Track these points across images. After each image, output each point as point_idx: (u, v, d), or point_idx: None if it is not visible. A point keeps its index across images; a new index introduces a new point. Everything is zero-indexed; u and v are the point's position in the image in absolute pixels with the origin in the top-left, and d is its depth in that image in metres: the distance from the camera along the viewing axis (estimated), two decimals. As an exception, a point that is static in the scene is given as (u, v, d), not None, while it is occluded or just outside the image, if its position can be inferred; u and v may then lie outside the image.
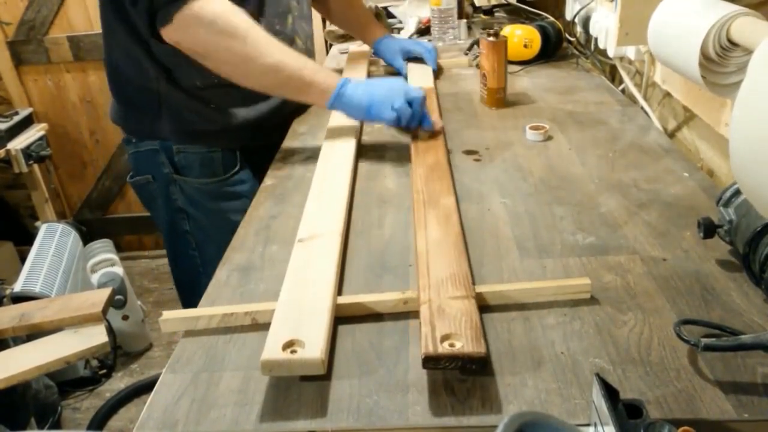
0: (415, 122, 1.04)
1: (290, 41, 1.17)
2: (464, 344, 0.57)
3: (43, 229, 2.27)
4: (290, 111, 1.25)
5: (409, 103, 1.02)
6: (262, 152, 1.13)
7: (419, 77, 1.36)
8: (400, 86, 1.04)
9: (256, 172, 1.11)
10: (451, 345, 0.57)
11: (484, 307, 0.66)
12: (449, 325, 0.59)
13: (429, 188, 0.88)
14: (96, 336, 1.38)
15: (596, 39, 1.30)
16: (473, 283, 0.68)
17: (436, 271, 0.68)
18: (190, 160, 1.15)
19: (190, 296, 1.27)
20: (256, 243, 0.83)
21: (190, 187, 1.17)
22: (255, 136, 1.18)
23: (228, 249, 0.82)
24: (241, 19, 0.98)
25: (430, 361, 0.56)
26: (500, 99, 1.23)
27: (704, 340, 0.54)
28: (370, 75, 1.48)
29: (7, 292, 1.94)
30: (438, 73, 1.45)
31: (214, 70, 1.02)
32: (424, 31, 1.80)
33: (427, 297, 0.64)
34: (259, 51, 0.99)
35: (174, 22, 0.95)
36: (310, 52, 1.27)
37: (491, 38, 1.19)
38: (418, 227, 0.78)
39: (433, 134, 1.06)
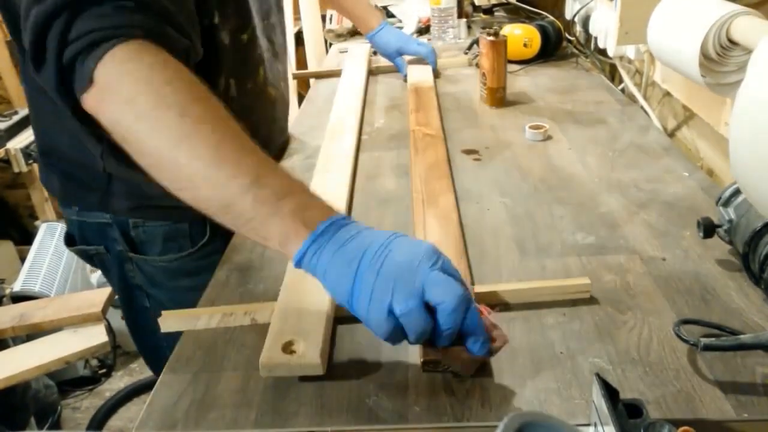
0: (443, 339, 0.54)
1: (260, 95, 0.97)
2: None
3: (42, 228, 2.27)
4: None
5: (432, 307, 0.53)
6: None
7: (418, 77, 1.36)
8: (419, 268, 0.54)
9: (229, 241, 0.89)
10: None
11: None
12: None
13: (428, 188, 0.88)
14: (96, 336, 1.38)
15: (596, 38, 1.30)
16: (473, 283, 0.68)
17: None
18: (151, 235, 0.95)
19: (155, 363, 1.08)
20: (255, 243, 0.83)
21: (150, 265, 0.97)
22: None
23: (228, 249, 0.82)
24: (187, 81, 0.62)
25: (429, 365, 0.56)
26: (500, 98, 1.23)
27: (704, 340, 0.54)
28: (372, 73, 1.48)
29: (7, 291, 1.94)
30: (437, 72, 1.45)
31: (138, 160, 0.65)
32: (423, 30, 1.80)
33: None
34: (184, 132, 0.59)
35: (97, 80, 0.60)
36: (283, 97, 1.07)
37: (491, 37, 1.19)
38: (417, 227, 0.78)
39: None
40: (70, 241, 1.01)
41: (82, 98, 0.62)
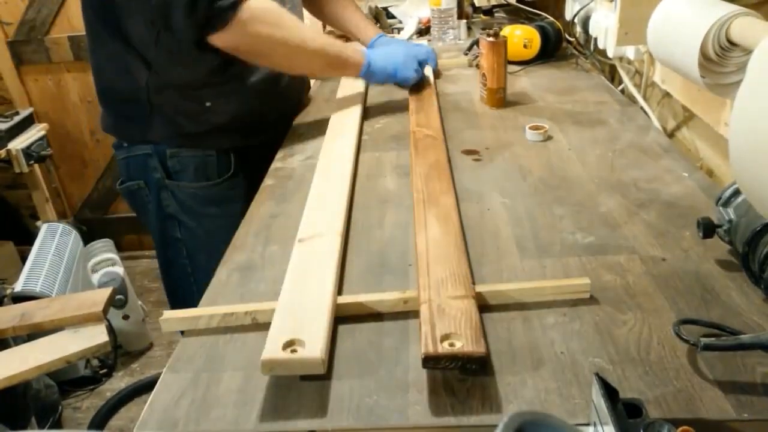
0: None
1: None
2: (464, 344, 0.57)
3: (43, 228, 2.28)
4: (285, 109, 1.27)
5: (420, 64, 1.25)
6: (257, 156, 1.13)
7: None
8: (413, 50, 1.27)
9: (251, 176, 1.08)
10: (451, 345, 0.57)
11: (483, 306, 0.66)
12: (449, 325, 0.59)
13: (429, 187, 0.88)
14: (96, 335, 1.38)
15: (596, 39, 1.30)
16: (473, 283, 0.68)
17: (436, 270, 0.69)
18: (184, 164, 1.15)
19: (180, 305, 1.23)
20: (256, 243, 0.83)
21: (183, 192, 1.16)
22: (249, 135, 1.18)
23: (228, 249, 0.83)
24: (283, 11, 1.06)
25: (430, 361, 0.56)
26: (500, 99, 1.23)
27: (704, 340, 0.55)
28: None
29: (8, 291, 1.94)
30: (437, 73, 1.45)
31: (265, 64, 1.11)
32: (424, 31, 1.80)
33: (426, 296, 0.64)
34: (304, 38, 1.09)
35: (231, 25, 0.99)
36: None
37: (491, 38, 1.19)
38: (417, 227, 0.79)
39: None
40: (121, 182, 1.21)
41: (216, 35, 1.00)
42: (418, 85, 1.31)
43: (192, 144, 1.14)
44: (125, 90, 1.11)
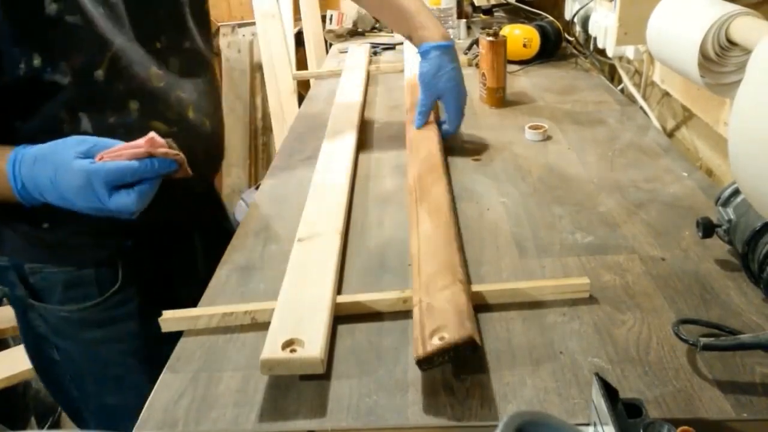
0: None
1: (133, 132, 0.72)
2: (450, 333, 0.56)
3: None
4: (167, 199, 0.75)
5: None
6: (154, 258, 0.86)
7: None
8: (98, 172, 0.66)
9: (147, 286, 0.81)
10: (441, 338, 0.56)
11: (483, 306, 0.66)
12: (437, 319, 0.58)
13: (421, 183, 0.87)
14: (96, 335, 1.38)
15: (595, 39, 1.30)
16: (465, 267, 0.67)
17: (427, 268, 0.68)
18: (51, 282, 0.84)
19: (80, 423, 0.95)
20: (255, 243, 0.83)
21: (53, 315, 0.86)
22: (136, 237, 0.85)
23: (228, 249, 0.82)
24: None
25: (424, 363, 0.56)
26: (500, 98, 1.23)
27: (703, 340, 0.55)
28: (372, 73, 1.48)
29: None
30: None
31: None
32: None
33: (417, 298, 0.64)
34: None
35: None
36: (186, 132, 0.83)
37: (490, 38, 1.19)
38: (411, 228, 0.78)
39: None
40: None
41: None
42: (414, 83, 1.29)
43: (54, 260, 0.83)
44: None
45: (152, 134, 0.67)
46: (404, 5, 1.03)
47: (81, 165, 0.65)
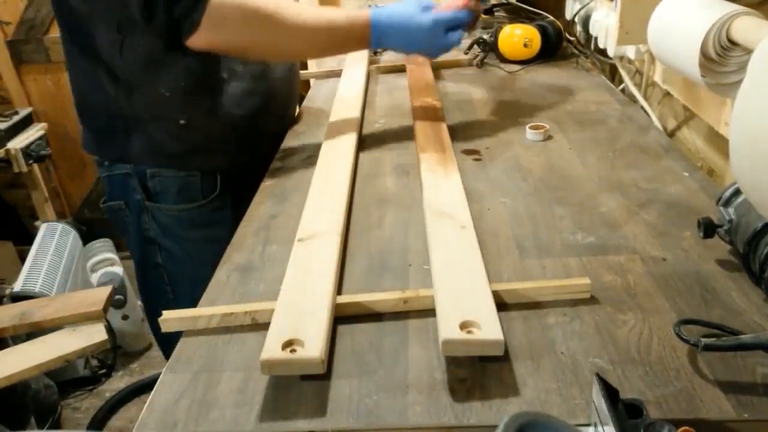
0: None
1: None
2: (483, 332, 0.56)
3: (42, 228, 2.27)
4: (272, 127, 1.18)
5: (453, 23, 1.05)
6: (245, 174, 1.06)
7: (418, 75, 1.35)
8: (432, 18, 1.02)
9: (240, 196, 0.99)
10: (469, 332, 0.57)
11: (483, 306, 0.66)
12: (467, 311, 0.59)
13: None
14: (95, 334, 1.38)
15: (596, 38, 1.30)
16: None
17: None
18: (166, 185, 1.07)
19: (167, 341, 1.07)
20: (256, 243, 0.83)
21: (164, 214, 1.08)
22: (235, 155, 1.10)
23: (228, 249, 0.82)
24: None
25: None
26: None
27: (704, 340, 0.54)
28: (372, 73, 1.48)
29: (7, 291, 1.94)
30: (436, 73, 1.44)
31: (258, 58, 1.03)
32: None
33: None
34: (293, 18, 0.95)
35: (203, 25, 0.90)
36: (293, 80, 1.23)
37: None
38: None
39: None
40: (104, 201, 1.14)
41: (191, 38, 0.91)
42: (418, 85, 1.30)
43: (172, 164, 1.06)
44: (100, 107, 1.04)
45: None
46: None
47: (428, 16, 1.01)
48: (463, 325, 0.59)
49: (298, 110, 1.30)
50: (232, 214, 1.00)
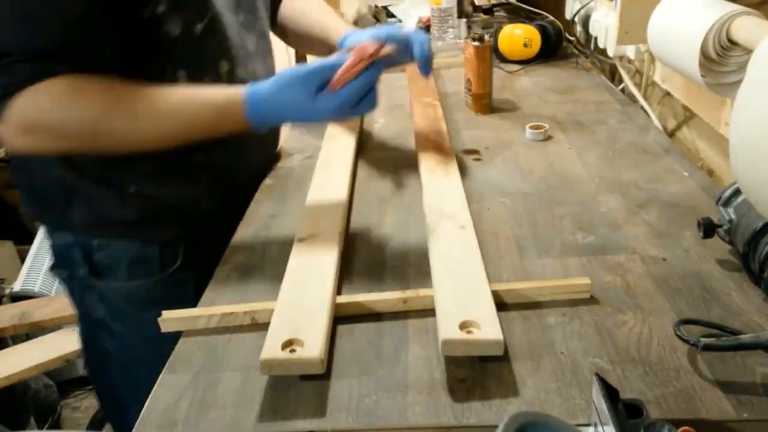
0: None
1: None
2: (482, 331, 0.56)
3: (42, 228, 2.27)
4: (246, 181, 0.98)
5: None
6: (209, 246, 0.85)
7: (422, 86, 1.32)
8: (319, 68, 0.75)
9: (204, 268, 0.81)
10: (468, 332, 0.57)
11: (483, 306, 0.66)
12: (468, 311, 0.59)
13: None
14: (95, 335, 1.38)
15: (596, 38, 1.30)
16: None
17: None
18: (116, 258, 0.89)
19: (122, 418, 0.97)
20: (255, 243, 0.83)
21: (114, 292, 0.91)
22: (195, 222, 0.92)
23: (228, 249, 0.82)
24: (91, 92, 0.73)
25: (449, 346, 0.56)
26: (486, 105, 1.20)
27: (704, 340, 0.54)
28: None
29: (7, 291, 1.94)
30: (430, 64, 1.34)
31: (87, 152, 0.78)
32: (424, 30, 1.80)
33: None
34: (138, 109, 0.74)
35: (7, 124, 0.71)
36: None
37: (476, 43, 1.16)
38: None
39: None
40: (51, 266, 0.97)
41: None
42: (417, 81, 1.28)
43: (124, 234, 0.89)
44: (35, 167, 0.87)
45: (358, 48, 0.76)
46: (323, 19, 1.05)
47: (325, 106, 0.75)
48: (463, 325, 0.59)
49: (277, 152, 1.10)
50: (196, 291, 0.78)
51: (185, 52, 0.82)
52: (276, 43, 1.07)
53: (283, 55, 2.40)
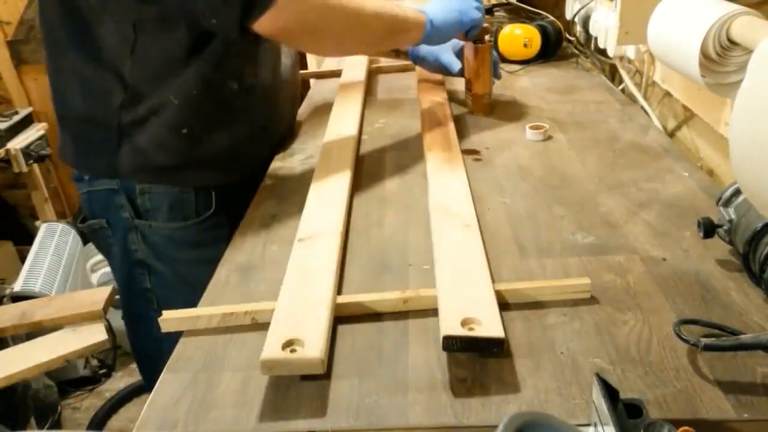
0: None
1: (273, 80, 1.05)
2: (484, 327, 0.56)
3: (42, 228, 2.28)
4: (275, 142, 1.12)
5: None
6: (242, 194, 0.97)
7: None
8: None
9: (235, 216, 0.91)
10: (470, 329, 0.57)
11: (483, 306, 0.66)
12: (467, 309, 0.59)
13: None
14: (95, 334, 1.38)
15: (596, 38, 1.29)
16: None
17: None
18: (157, 202, 0.97)
19: (150, 370, 1.04)
20: (256, 243, 0.83)
21: (156, 233, 0.99)
22: (231, 169, 1.02)
23: (228, 249, 0.82)
24: None
25: (451, 341, 0.57)
26: (486, 105, 1.19)
27: (704, 340, 0.54)
28: (372, 73, 1.48)
29: (7, 291, 1.95)
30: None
31: (314, 47, 1.05)
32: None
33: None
34: (359, 1, 0.92)
35: (278, 3, 0.83)
36: (294, 84, 1.17)
37: (477, 43, 1.14)
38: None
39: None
40: (82, 219, 1.04)
41: (264, 18, 0.84)
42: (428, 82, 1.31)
43: (165, 180, 0.97)
44: (92, 114, 0.94)
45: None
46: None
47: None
48: (465, 322, 0.59)
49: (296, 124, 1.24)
50: (229, 234, 0.90)
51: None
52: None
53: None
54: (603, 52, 1.35)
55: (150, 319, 0.95)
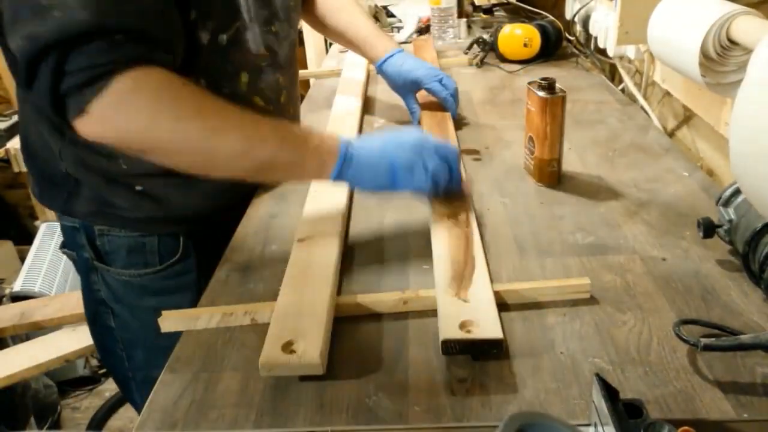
0: (454, 185, 0.80)
1: (239, 102, 0.73)
2: (481, 329, 0.56)
3: (42, 228, 2.28)
4: (246, 190, 0.95)
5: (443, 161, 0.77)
6: (213, 234, 0.87)
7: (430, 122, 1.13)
8: (427, 139, 0.78)
9: (205, 258, 0.81)
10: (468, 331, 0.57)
11: (483, 306, 0.66)
12: (468, 312, 0.59)
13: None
14: (95, 335, 1.38)
15: (596, 38, 1.30)
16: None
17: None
18: (115, 246, 0.89)
19: (126, 392, 1.02)
20: (255, 243, 0.83)
21: (114, 278, 0.91)
22: (199, 223, 0.91)
23: (227, 249, 0.82)
24: (189, 90, 0.70)
25: (450, 344, 0.57)
26: (553, 173, 0.91)
27: (704, 340, 0.54)
28: (370, 75, 1.48)
29: (7, 291, 1.95)
30: (457, 118, 1.16)
31: (162, 164, 0.71)
32: (423, 30, 1.80)
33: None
34: (222, 127, 0.70)
35: (95, 109, 0.64)
36: (279, 111, 0.93)
37: (542, 93, 0.88)
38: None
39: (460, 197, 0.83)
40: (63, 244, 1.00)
41: (75, 123, 0.66)
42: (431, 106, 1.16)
43: (122, 225, 0.88)
44: (44, 155, 0.86)
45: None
46: (356, 35, 1.15)
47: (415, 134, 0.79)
48: (463, 325, 0.59)
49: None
50: (197, 280, 0.83)
51: (209, 61, 0.81)
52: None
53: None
54: (603, 51, 1.35)
55: (118, 356, 0.97)
